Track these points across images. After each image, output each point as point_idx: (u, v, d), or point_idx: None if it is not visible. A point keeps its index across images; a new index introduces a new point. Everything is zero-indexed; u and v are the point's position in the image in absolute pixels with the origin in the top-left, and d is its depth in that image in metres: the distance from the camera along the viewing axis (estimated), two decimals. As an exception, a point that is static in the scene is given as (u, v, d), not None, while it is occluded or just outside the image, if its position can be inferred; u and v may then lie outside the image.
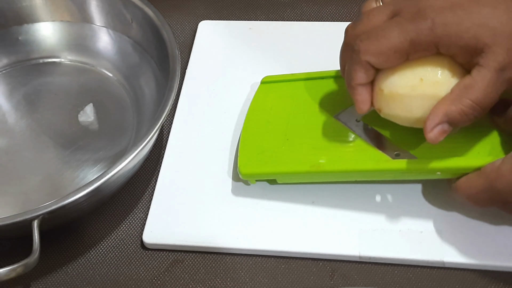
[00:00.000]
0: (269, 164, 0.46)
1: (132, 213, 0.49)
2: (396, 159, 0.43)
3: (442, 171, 0.42)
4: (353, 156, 0.44)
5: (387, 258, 0.44)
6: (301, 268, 0.44)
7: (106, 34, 0.57)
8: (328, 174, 0.45)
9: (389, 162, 0.43)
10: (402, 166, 0.42)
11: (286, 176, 0.46)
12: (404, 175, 0.43)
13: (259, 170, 0.46)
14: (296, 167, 0.45)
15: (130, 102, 0.55)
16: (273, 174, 0.46)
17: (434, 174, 0.42)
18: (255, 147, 0.47)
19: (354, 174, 0.44)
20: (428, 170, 0.42)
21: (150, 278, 0.45)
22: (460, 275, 0.43)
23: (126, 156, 0.42)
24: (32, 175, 0.50)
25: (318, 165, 0.44)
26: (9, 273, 0.39)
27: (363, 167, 0.43)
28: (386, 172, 0.43)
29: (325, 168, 0.44)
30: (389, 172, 0.43)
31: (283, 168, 0.45)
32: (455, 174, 0.42)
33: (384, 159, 0.43)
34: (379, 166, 0.43)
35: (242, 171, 0.46)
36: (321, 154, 0.45)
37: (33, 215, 0.40)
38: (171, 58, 0.49)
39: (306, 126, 0.47)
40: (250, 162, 0.46)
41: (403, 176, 0.44)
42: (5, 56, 0.58)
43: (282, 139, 0.47)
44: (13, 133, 0.54)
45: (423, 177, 0.44)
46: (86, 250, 0.47)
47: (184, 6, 0.63)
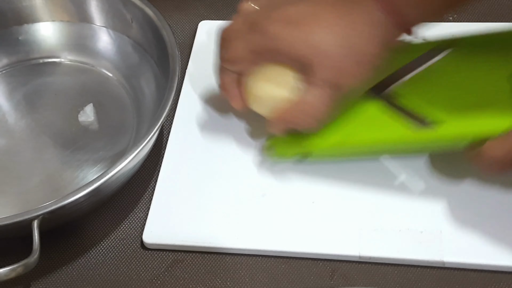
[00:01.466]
0: (301, 138, 0.46)
1: (132, 213, 0.49)
2: (426, 128, 0.43)
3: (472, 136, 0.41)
4: (383, 126, 0.44)
5: (387, 258, 0.44)
6: (301, 268, 0.44)
7: (106, 34, 0.57)
8: (358, 147, 0.45)
9: (419, 132, 0.43)
10: (431, 135, 0.42)
11: (318, 149, 0.46)
12: (432, 144, 0.44)
13: (292, 146, 0.47)
14: (326, 140, 0.45)
15: (130, 102, 0.55)
16: (306, 147, 0.46)
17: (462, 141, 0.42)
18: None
19: (384, 145, 0.45)
20: (456, 137, 0.42)
21: (150, 278, 0.45)
22: (460, 275, 0.43)
23: (126, 156, 0.42)
24: (32, 175, 0.50)
25: (347, 137, 0.44)
26: (9, 273, 0.39)
27: (392, 137, 0.44)
28: (416, 142, 0.44)
29: (354, 139, 0.44)
30: (418, 142, 0.44)
31: (314, 141, 0.45)
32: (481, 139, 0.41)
33: (414, 129, 0.43)
34: (409, 136, 0.43)
35: (277, 149, 0.47)
36: (351, 126, 0.45)
37: (33, 215, 0.40)
38: (171, 58, 0.49)
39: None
40: (284, 138, 0.47)
41: (431, 146, 0.45)
42: (5, 56, 0.58)
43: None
44: (13, 133, 0.54)
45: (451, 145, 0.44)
46: (86, 250, 0.47)
47: (184, 6, 0.63)
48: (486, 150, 0.41)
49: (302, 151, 0.47)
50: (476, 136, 0.41)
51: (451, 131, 0.42)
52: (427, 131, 0.43)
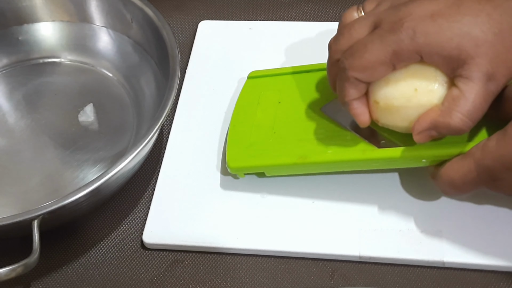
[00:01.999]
0: (257, 157, 0.46)
1: (132, 213, 0.49)
2: (381, 148, 0.43)
3: (427, 158, 0.42)
4: (340, 147, 0.44)
5: (387, 258, 0.44)
6: (301, 268, 0.44)
7: (106, 34, 0.57)
8: (315, 166, 0.45)
9: (375, 151, 0.43)
10: (388, 154, 0.42)
11: (274, 168, 0.46)
12: (390, 163, 0.43)
13: (247, 164, 0.46)
14: (283, 159, 0.45)
15: (130, 102, 0.55)
16: (261, 167, 0.46)
17: (419, 162, 0.42)
18: (243, 141, 0.47)
19: (341, 164, 0.45)
20: (413, 158, 0.42)
21: (150, 278, 0.45)
22: (460, 275, 0.43)
23: (126, 156, 0.42)
24: (32, 175, 0.50)
25: (305, 157, 0.44)
26: (9, 273, 0.39)
27: (349, 157, 0.43)
28: (373, 162, 0.43)
29: (312, 160, 0.44)
30: (375, 161, 0.43)
31: (270, 161, 0.46)
32: (439, 160, 0.41)
33: (370, 149, 0.43)
34: (365, 156, 0.43)
35: (230, 165, 0.46)
36: (308, 146, 0.45)
37: (33, 215, 0.40)
38: (171, 58, 0.49)
39: (293, 119, 0.48)
40: (238, 155, 0.47)
41: (389, 165, 0.44)
42: (5, 56, 0.58)
43: (269, 132, 0.47)
44: (13, 133, 0.54)
45: (409, 165, 0.44)
46: (86, 250, 0.47)
47: (184, 6, 0.63)
48: (445, 172, 0.40)
49: (258, 170, 0.47)
50: (433, 158, 0.41)
51: (408, 152, 0.42)
52: (384, 151, 0.43)
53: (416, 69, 0.39)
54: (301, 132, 0.46)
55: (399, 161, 0.42)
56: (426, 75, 0.39)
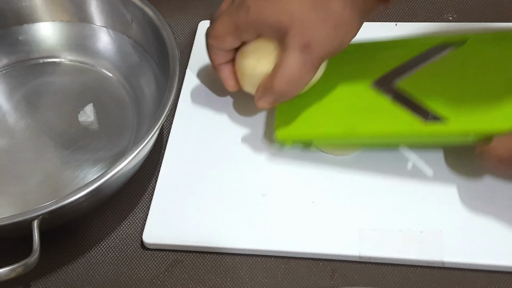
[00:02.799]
0: (305, 126, 0.47)
1: (132, 213, 0.49)
2: (429, 123, 0.43)
3: (475, 134, 0.42)
4: (387, 119, 0.45)
5: (387, 258, 0.44)
6: (301, 268, 0.44)
7: (106, 34, 0.57)
8: (363, 137, 0.45)
9: (423, 126, 0.43)
10: (435, 129, 0.43)
11: (322, 139, 0.47)
12: (436, 139, 0.44)
13: (296, 132, 0.47)
14: (332, 129, 0.46)
15: (130, 102, 0.55)
16: (309, 136, 0.47)
17: (466, 137, 0.42)
18: (292, 109, 0.48)
19: (387, 137, 0.45)
20: (460, 132, 0.42)
21: (150, 278, 0.45)
22: (460, 275, 0.43)
23: (126, 156, 0.42)
24: (32, 175, 0.50)
25: (353, 128, 0.45)
26: (9, 273, 0.39)
27: (396, 131, 0.44)
28: (419, 136, 0.44)
29: (360, 131, 0.45)
30: (422, 136, 0.44)
31: (319, 130, 0.46)
32: (487, 136, 0.41)
33: (418, 123, 0.43)
34: (413, 130, 0.43)
35: (279, 133, 0.47)
36: (356, 117, 0.46)
37: (33, 215, 0.40)
38: (171, 58, 0.49)
39: (342, 91, 0.48)
40: (287, 124, 0.47)
41: (435, 140, 0.45)
42: (5, 56, 0.58)
43: (318, 103, 0.48)
44: (13, 133, 0.54)
45: (456, 140, 0.44)
46: (86, 250, 0.47)
47: (184, 6, 0.63)
48: (492, 149, 0.41)
49: (307, 139, 0.48)
50: (482, 133, 0.41)
51: (456, 127, 0.42)
52: (432, 125, 0.43)
53: (260, 43, 0.45)
54: (350, 104, 0.47)
55: (446, 136, 0.43)
56: (267, 48, 0.45)
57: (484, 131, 0.41)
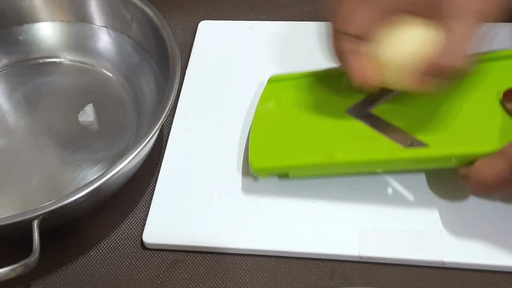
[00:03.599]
0: (281, 157, 0.46)
1: (132, 213, 0.49)
2: (409, 148, 0.42)
3: (457, 158, 0.41)
4: (367, 146, 0.44)
5: (387, 258, 0.44)
6: (301, 268, 0.44)
7: (106, 34, 0.57)
8: (342, 166, 0.44)
9: (404, 151, 0.43)
10: (416, 154, 0.42)
11: (299, 168, 0.45)
12: (418, 164, 0.43)
13: (271, 164, 0.46)
14: (309, 159, 0.45)
15: (130, 102, 0.55)
16: (286, 167, 0.46)
17: (448, 162, 0.42)
18: (266, 142, 0.47)
19: (368, 164, 0.44)
20: (442, 158, 0.41)
21: (150, 278, 0.45)
22: (460, 275, 0.43)
23: (126, 156, 0.42)
24: (32, 175, 0.50)
25: (331, 157, 0.44)
26: (9, 273, 0.39)
27: (377, 157, 0.43)
28: (400, 162, 0.43)
29: (339, 159, 0.43)
30: (403, 162, 0.43)
31: (295, 161, 0.45)
32: (469, 159, 0.41)
33: (398, 149, 0.43)
34: (394, 156, 0.43)
35: (254, 165, 0.46)
36: (334, 146, 0.45)
37: (33, 215, 0.40)
38: (171, 58, 0.49)
39: (317, 120, 0.47)
40: (262, 156, 0.46)
41: (417, 166, 0.44)
42: (5, 56, 0.58)
43: (293, 133, 0.47)
44: (13, 133, 0.54)
45: (437, 165, 0.43)
46: (86, 250, 0.47)
47: (184, 6, 0.63)
48: (475, 171, 0.40)
49: (282, 171, 0.47)
50: (464, 157, 0.41)
51: (438, 151, 0.42)
52: (413, 150, 0.42)
53: (404, 25, 0.41)
54: (326, 132, 0.46)
55: (427, 161, 0.42)
56: (413, 27, 0.41)
57: (467, 155, 0.41)
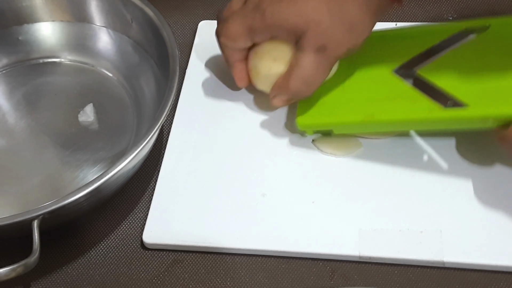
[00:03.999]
0: (325, 114, 0.48)
1: (132, 213, 0.49)
2: (448, 108, 0.43)
3: (494, 117, 0.41)
4: (407, 106, 0.45)
5: (387, 258, 0.44)
6: (301, 268, 0.44)
7: (106, 34, 0.57)
8: (381, 125, 0.46)
9: (441, 111, 0.43)
10: (454, 115, 0.43)
11: (342, 126, 0.47)
12: (456, 124, 0.44)
13: (316, 120, 0.48)
14: (351, 117, 0.46)
15: (130, 102, 0.55)
16: (329, 124, 0.48)
17: (486, 122, 0.42)
18: (313, 98, 0.48)
19: (407, 123, 0.46)
20: (479, 117, 0.42)
21: (150, 278, 0.45)
22: (460, 275, 0.43)
23: (126, 156, 0.42)
24: (32, 175, 0.50)
25: (372, 115, 0.45)
26: (9, 273, 0.39)
27: (415, 117, 0.44)
28: (438, 122, 0.44)
29: (379, 118, 0.45)
30: (441, 122, 0.44)
31: (338, 118, 0.47)
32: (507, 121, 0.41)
33: (436, 109, 0.43)
34: (431, 116, 0.43)
35: (300, 121, 0.48)
36: (376, 105, 0.46)
37: (33, 215, 0.40)
38: (171, 58, 0.49)
39: (363, 79, 0.49)
40: (308, 113, 0.48)
41: (455, 125, 0.45)
42: (5, 56, 0.58)
43: (339, 91, 0.48)
44: (13, 133, 0.53)
45: (475, 125, 0.44)
46: (86, 250, 0.47)
47: (184, 6, 0.63)
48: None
49: (326, 128, 0.48)
50: (502, 118, 0.41)
51: (476, 111, 0.42)
52: (451, 111, 0.43)
53: (274, 44, 0.47)
54: (371, 91, 0.47)
55: (465, 121, 0.43)
56: (282, 49, 0.46)
57: (504, 116, 0.41)
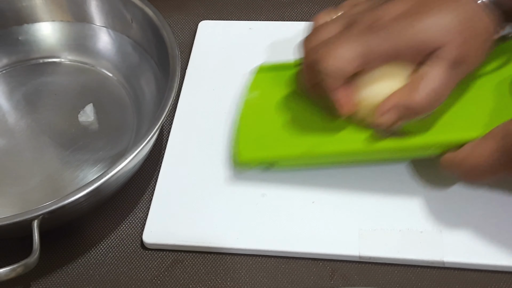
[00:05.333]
0: (267, 148, 0.46)
1: (132, 213, 0.49)
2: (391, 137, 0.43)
3: (436, 146, 0.42)
4: (349, 136, 0.44)
5: (387, 258, 0.44)
6: (301, 268, 0.44)
7: (106, 34, 0.57)
8: (325, 156, 0.45)
9: (383, 141, 0.43)
10: (396, 143, 0.42)
11: (284, 159, 0.46)
12: (401, 152, 0.44)
13: (257, 154, 0.46)
14: (294, 149, 0.45)
15: (130, 102, 0.55)
16: (271, 158, 0.47)
17: (428, 150, 0.42)
18: (252, 132, 0.47)
19: (351, 154, 0.45)
20: (423, 145, 0.42)
21: (150, 278, 0.45)
22: (460, 275, 0.43)
23: (126, 156, 0.42)
24: (32, 175, 0.50)
25: (315, 146, 0.45)
26: (9, 273, 0.39)
27: (358, 147, 0.44)
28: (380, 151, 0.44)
29: (322, 149, 0.45)
30: (383, 151, 0.43)
31: (281, 151, 0.46)
32: (449, 147, 0.41)
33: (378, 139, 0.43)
34: (374, 145, 0.43)
35: (240, 155, 0.47)
36: (319, 136, 0.45)
37: (33, 215, 0.40)
38: (171, 58, 0.49)
39: (305, 110, 0.47)
40: (248, 147, 0.47)
41: (401, 154, 0.45)
42: (5, 56, 0.58)
43: (280, 124, 0.47)
44: (13, 133, 0.54)
45: (417, 154, 0.44)
46: (86, 250, 0.47)
47: (184, 6, 0.63)
48: (465, 155, 0.40)
49: (267, 161, 0.47)
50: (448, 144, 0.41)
51: (419, 139, 0.42)
52: (393, 140, 0.42)
53: (388, 68, 0.41)
54: (312, 123, 0.46)
55: (407, 150, 0.43)
56: (397, 73, 0.41)
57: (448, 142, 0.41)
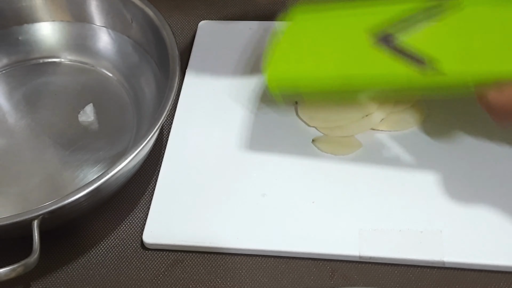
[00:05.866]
0: (297, 71, 0.45)
1: (132, 213, 0.49)
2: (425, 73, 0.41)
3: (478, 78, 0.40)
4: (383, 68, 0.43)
5: (387, 258, 0.44)
6: (301, 268, 0.44)
7: (106, 34, 0.57)
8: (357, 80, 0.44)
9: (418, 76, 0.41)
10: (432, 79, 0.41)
11: (315, 82, 0.45)
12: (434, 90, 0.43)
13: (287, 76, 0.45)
14: (324, 76, 0.44)
15: (130, 102, 0.55)
16: (301, 79, 0.45)
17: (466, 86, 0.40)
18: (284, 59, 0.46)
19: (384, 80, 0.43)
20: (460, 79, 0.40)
21: (150, 278, 0.45)
22: (460, 275, 0.43)
23: (126, 156, 0.42)
24: (32, 175, 0.50)
25: (346, 76, 0.43)
26: (9, 273, 0.39)
27: (393, 78, 0.42)
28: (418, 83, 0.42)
29: (354, 72, 0.43)
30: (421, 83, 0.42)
31: (311, 75, 0.45)
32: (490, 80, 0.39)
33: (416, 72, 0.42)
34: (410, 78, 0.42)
35: (270, 76, 0.45)
36: (351, 66, 0.44)
37: (33, 215, 0.40)
38: (171, 58, 0.49)
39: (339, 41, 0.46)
40: (279, 70, 0.46)
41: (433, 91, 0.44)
42: (5, 56, 0.58)
43: (313, 52, 0.46)
44: (13, 133, 0.54)
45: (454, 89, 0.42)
46: (86, 250, 0.47)
47: (184, 6, 0.63)
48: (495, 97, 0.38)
49: (298, 84, 0.46)
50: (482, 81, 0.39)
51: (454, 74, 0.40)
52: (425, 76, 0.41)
53: None
54: (346, 52, 0.45)
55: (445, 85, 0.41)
56: None
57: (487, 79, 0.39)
